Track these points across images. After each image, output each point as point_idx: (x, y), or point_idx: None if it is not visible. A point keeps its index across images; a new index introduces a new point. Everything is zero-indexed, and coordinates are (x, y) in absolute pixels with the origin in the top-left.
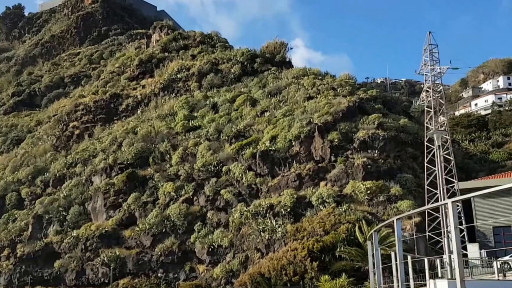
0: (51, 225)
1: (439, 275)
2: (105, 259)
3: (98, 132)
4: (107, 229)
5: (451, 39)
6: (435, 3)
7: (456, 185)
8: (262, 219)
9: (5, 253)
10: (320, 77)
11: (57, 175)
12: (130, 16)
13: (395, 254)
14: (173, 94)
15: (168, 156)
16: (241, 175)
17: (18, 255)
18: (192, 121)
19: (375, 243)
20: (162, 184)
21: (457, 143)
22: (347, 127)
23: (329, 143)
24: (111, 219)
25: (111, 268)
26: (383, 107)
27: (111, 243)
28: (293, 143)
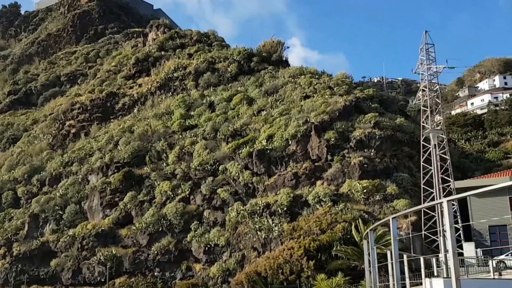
0: (47, 224)
1: (435, 274)
2: (102, 258)
3: (94, 131)
4: (103, 228)
5: (449, 38)
6: (433, 2)
7: (452, 184)
8: (258, 218)
9: (1, 252)
10: (316, 76)
11: (53, 174)
12: (126, 14)
13: (391, 253)
14: (170, 93)
15: (164, 155)
16: (237, 174)
17: (14, 254)
18: (188, 120)
19: (371, 242)
20: (158, 183)
21: (453, 142)
22: (343, 126)
23: (326, 142)
24: (107, 218)
25: (108, 267)
26: (379, 106)
27: (108, 242)
28: (290, 142)
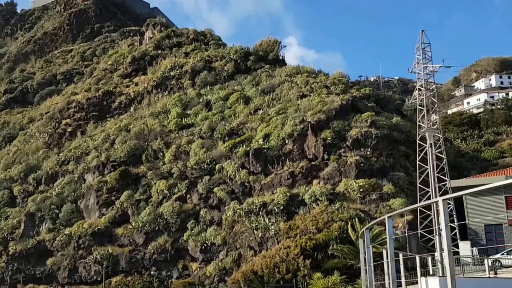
0: (44, 223)
1: (431, 273)
2: (98, 257)
3: (90, 129)
4: (99, 227)
5: (445, 38)
6: (430, 1)
7: (448, 183)
8: (255, 217)
9: None
10: (313, 75)
11: (50, 172)
12: (123, 13)
13: (387, 251)
14: (166, 91)
15: (161, 154)
16: (234, 173)
17: (10, 253)
18: (185, 119)
19: (366, 241)
20: (155, 182)
21: (449, 141)
22: (340, 125)
23: (322, 141)
24: (103, 217)
25: (104, 266)
26: (376, 105)
27: (104, 241)
28: (286, 141)
